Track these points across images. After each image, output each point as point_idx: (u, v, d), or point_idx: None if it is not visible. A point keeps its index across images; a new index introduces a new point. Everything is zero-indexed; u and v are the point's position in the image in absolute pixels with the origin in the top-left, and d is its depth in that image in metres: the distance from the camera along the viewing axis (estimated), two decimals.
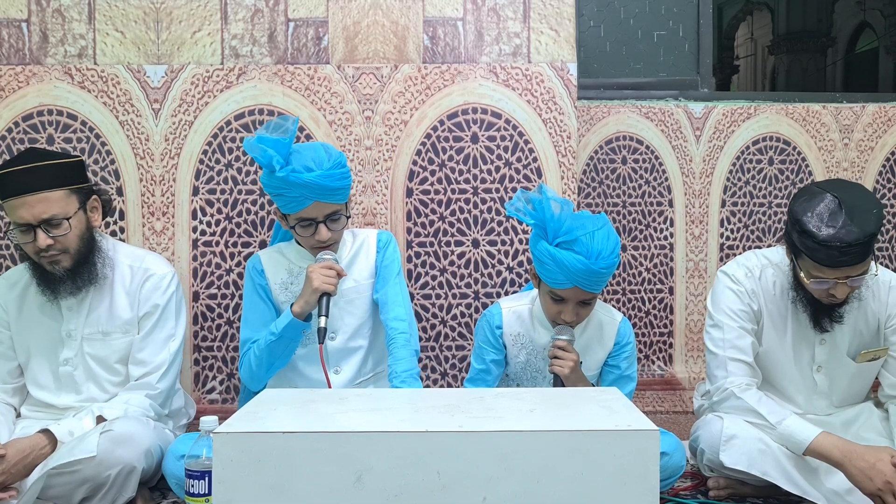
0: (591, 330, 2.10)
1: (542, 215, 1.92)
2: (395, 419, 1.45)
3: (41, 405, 2.11)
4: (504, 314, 2.11)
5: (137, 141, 2.50)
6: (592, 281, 1.90)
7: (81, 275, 2.03)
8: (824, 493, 1.94)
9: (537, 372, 2.11)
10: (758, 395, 2.03)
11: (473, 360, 2.15)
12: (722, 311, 2.11)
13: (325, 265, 2.02)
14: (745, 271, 2.13)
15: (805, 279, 1.95)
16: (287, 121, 2.03)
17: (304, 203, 2.00)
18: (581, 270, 1.87)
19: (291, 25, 2.52)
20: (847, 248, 1.83)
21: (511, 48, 2.55)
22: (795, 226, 1.91)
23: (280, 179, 1.97)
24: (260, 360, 2.05)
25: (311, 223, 2.03)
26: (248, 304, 2.15)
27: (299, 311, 2.01)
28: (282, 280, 2.15)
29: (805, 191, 1.97)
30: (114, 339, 2.10)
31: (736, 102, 2.80)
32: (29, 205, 1.94)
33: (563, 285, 1.92)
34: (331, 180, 1.99)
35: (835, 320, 2.03)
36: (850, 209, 1.86)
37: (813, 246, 1.87)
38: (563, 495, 1.33)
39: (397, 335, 2.07)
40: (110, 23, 2.49)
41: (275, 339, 2.02)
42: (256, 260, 2.18)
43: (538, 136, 2.54)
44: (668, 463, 2.00)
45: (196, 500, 1.56)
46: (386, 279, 2.15)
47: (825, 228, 1.85)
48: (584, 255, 1.87)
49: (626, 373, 2.11)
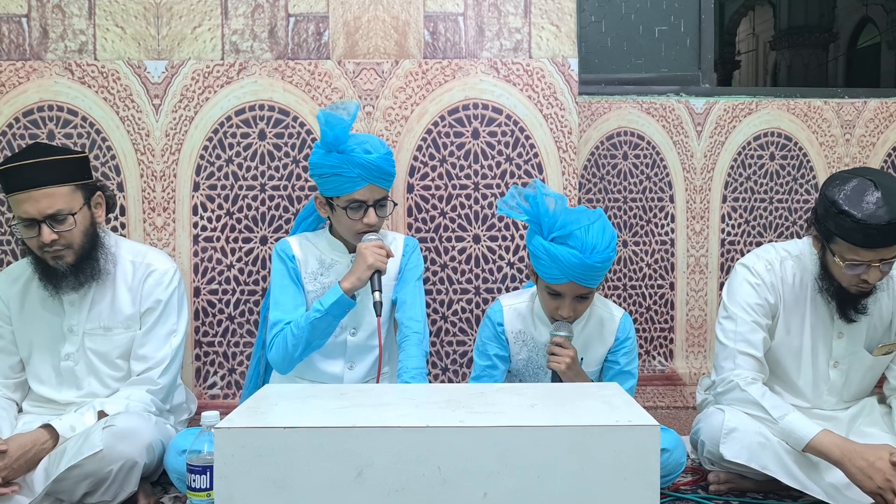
0: (591, 326, 2.10)
1: (537, 210, 1.92)
2: (395, 414, 1.45)
3: (42, 400, 2.11)
4: (505, 311, 2.12)
5: (138, 137, 2.50)
6: (588, 275, 1.90)
7: (84, 270, 2.04)
8: (824, 487, 1.95)
9: (538, 369, 2.11)
10: (762, 390, 2.03)
11: (477, 358, 2.15)
12: (737, 304, 2.11)
13: (376, 244, 2.05)
14: (766, 264, 2.13)
15: (839, 263, 1.94)
16: (349, 104, 2.10)
17: (359, 184, 2.04)
18: (576, 265, 1.87)
19: (292, 21, 2.52)
20: (886, 226, 1.84)
21: (512, 43, 2.54)
22: (831, 208, 1.91)
23: (341, 157, 2.03)
24: (298, 339, 2.04)
25: (362, 206, 2.07)
26: (279, 286, 2.14)
27: (350, 287, 2.02)
28: (313, 270, 2.16)
29: (836, 177, 1.97)
30: (115, 335, 2.11)
31: (737, 98, 2.80)
32: (34, 199, 1.94)
33: (559, 280, 1.91)
34: (387, 164, 2.07)
35: (860, 311, 2.04)
36: (885, 190, 1.87)
37: (851, 226, 1.87)
38: (563, 490, 1.33)
39: (411, 334, 2.10)
40: (110, 18, 2.49)
41: (320, 315, 2.01)
42: (286, 245, 2.18)
43: (539, 131, 2.54)
44: (669, 460, 2.00)
45: (197, 495, 1.56)
46: (407, 281, 2.19)
47: (864, 207, 1.86)
48: (579, 250, 1.87)
49: (625, 368, 2.10)
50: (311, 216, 2.29)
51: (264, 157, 2.52)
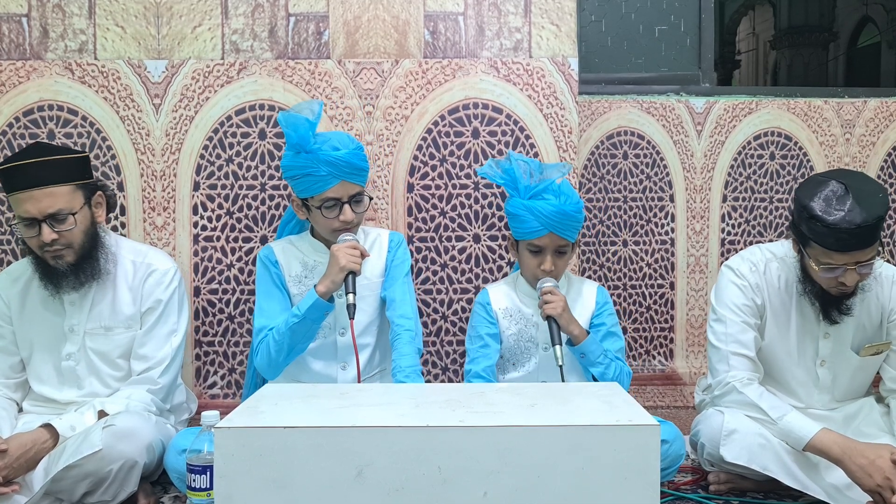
0: (572, 294, 2.20)
1: (514, 175, 2.11)
2: (395, 414, 1.45)
3: (43, 400, 2.11)
4: (490, 292, 2.23)
5: (138, 136, 2.50)
6: (565, 224, 2.06)
7: (84, 270, 2.04)
8: (824, 487, 1.95)
9: (529, 341, 2.17)
10: (759, 390, 2.03)
11: (469, 344, 2.21)
12: (725, 306, 2.11)
13: (350, 245, 2.04)
14: (750, 265, 2.13)
15: (814, 267, 1.94)
16: (312, 103, 2.09)
17: (330, 182, 2.03)
18: (554, 213, 2.04)
19: (292, 20, 2.52)
20: (856, 230, 1.84)
21: (512, 43, 2.54)
22: (803, 213, 1.91)
23: (309, 157, 2.02)
24: (280, 346, 2.04)
25: (337, 204, 2.05)
26: (264, 293, 2.15)
27: (324, 290, 2.01)
28: (296, 273, 2.16)
29: (810, 180, 1.98)
30: (116, 334, 2.11)
31: (737, 97, 2.80)
32: (35, 199, 1.94)
33: (540, 233, 2.07)
34: (357, 159, 2.05)
35: (843, 312, 2.03)
36: (856, 193, 1.87)
37: (822, 230, 1.87)
38: (563, 490, 1.33)
39: (403, 332, 2.09)
40: (110, 18, 2.49)
41: (298, 320, 2.01)
42: (269, 251, 2.18)
43: (539, 130, 2.54)
44: (668, 451, 2.01)
45: (197, 495, 1.57)
46: (395, 278, 2.18)
47: (834, 212, 1.86)
48: (556, 198, 2.06)
49: (611, 329, 2.18)
50: (293, 220, 2.29)
51: (264, 157, 2.52)
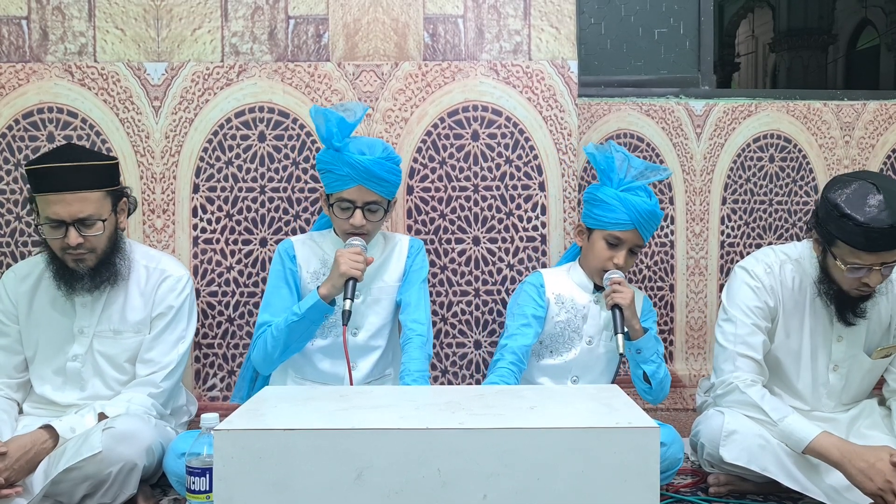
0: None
1: (612, 164, 2.17)
2: (395, 416, 1.45)
3: (43, 402, 2.11)
4: (545, 275, 2.26)
5: (138, 138, 2.50)
6: (651, 225, 2.16)
7: (102, 273, 2.04)
8: (824, 489, 1.95)
9: (574, 332, 2.20)
10: (762, 392, 2.03)
11: (510, 320, 2.22)
12: (736, 307, 2.11)
13: (354, 251, 2.04)
14: (765, 267, 2.13)
15: (841, 267, 1.94)
16: (357, 107, 2.11)
17: (348, 184, 2.04)
18: (646, 211, 2.12)
19: (292, 23, 2.52)
20: (888, 229, 1.84)
21: (512, 45, 2.54)
22: (833, 211, 1.91)
23: (333, 154, 2.04)
24: (277, 341, 2.04)
25: (350, 206, 2.07)
26: (273, 287, 2.15)
27: (326, 293, 2.02)
28: (314, 269, 2.17)
29: (837, 180, 1.98)
30: (125, 338, 2.11)
31: (737, 100, 2.80)
32: (66, 202, 1.94)
33: (626, 226, 2.13)
34: (378, 168, 2.05)
35: (858, 315, 2.04)
36: (887, 193, 1.88)
37: (852, 229, 1.87)
38: (563, 492, 1.33)
39: (415, 336, 2.09)
40: (110, 20, 2.49)
41: (297, 319, 2.02)
42: (289, 245, 2.19)
43: (539, 133, 2.54)
44: (666, 454, 2.01)
45: (197, 497, 1.56)
46: (412, 283, 2.19)
47: (867, 210, 1.87)
48: (649, 197, 2.15)
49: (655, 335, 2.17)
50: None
51: (264, 159, 2.52)
